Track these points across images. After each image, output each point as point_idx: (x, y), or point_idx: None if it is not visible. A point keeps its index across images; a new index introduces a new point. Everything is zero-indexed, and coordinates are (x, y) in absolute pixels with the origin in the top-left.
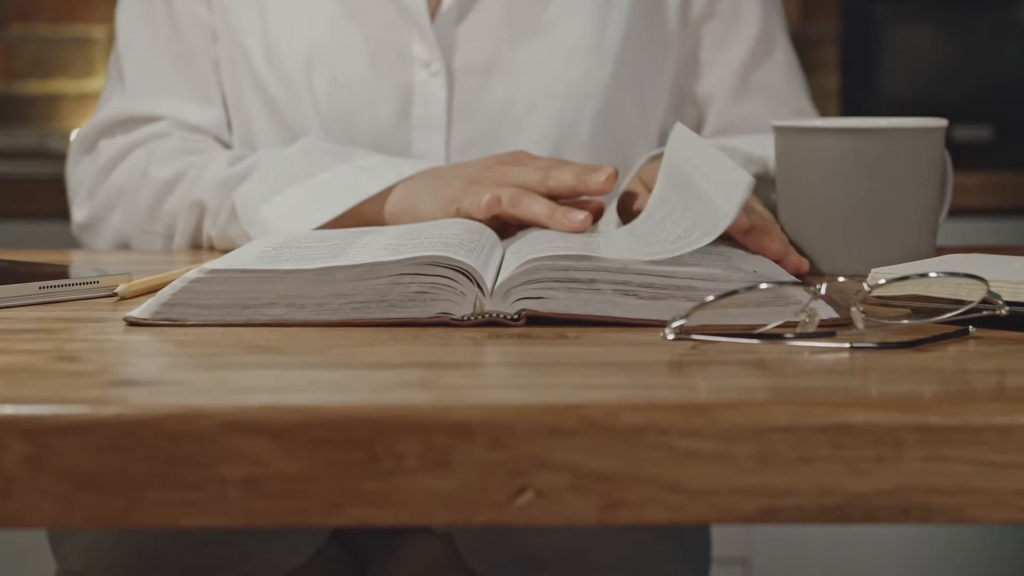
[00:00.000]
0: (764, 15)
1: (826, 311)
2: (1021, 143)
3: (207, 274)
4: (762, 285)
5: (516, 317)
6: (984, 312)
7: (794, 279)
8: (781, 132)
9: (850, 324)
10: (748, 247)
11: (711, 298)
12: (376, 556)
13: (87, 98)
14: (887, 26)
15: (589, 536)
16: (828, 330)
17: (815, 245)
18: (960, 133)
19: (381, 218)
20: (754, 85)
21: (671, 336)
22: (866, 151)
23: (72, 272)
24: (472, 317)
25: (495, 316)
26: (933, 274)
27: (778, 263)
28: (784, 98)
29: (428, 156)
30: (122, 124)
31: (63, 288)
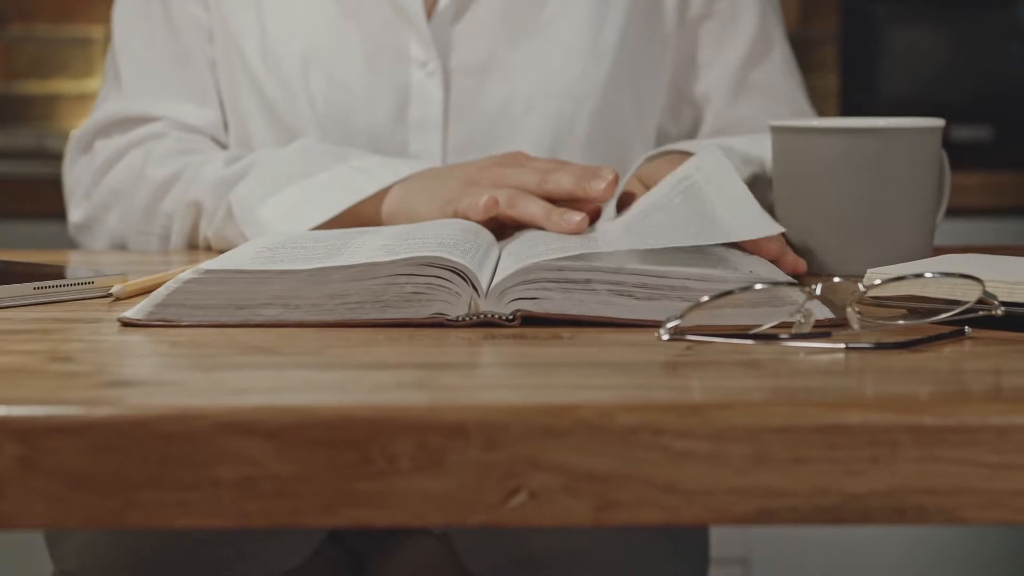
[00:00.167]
0: (761, 15)
1: (821, 311)
2: (1021, 143)
3: (201, 274)
4: (757, 285)
5: (511, 317)
6: (980, 312)
7: (790, 279)
8: (778, 132)
9: (846, 324)
10: (745, 247)
11: (706, 298)
12: (373, 557)
13: (86, 98)
14: (887, 26)
15: (586, 536)
16: (824, 330)
17: (812, 245)
18: (960, 133)
19: (378, 219)
20: (752, 85)
21: (666, 336)
22: (863, 151)
23: (68, 272)
24: (467, 318)
25: (490, 316)
26: (929, 274)
27: (775, 263)
28: (782, 98)
29: (425, 156)
30: (118, 124)
31: (58, 288)
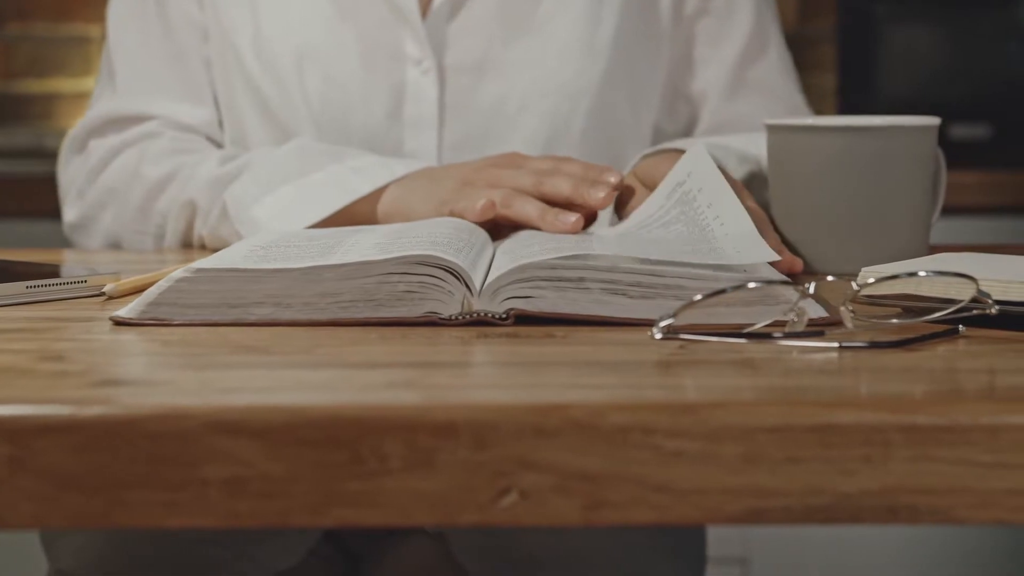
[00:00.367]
0: (757, 12)
1: (815, 310)
2: (1019, 142)
3: (193, 273)
4: (750, 284)
5: (504, 316)
6: (974, 311)
7: (783, 278)
8: (773, 130)
9: (839, 323)
10: None
11: (699, 297)
12: (369, 556)
13: (84, 97)
14: (885, 25)
15: (582, 536)
16: (817, 329)
17: (808, 244)
18: (958, 132)
19: (374, 218)
20: (748, 83)
21: (658, 335)
22: (858, 149)
23: (61, 271)
24: (460, 316)
25: (483, 315)
26: (923, 273)
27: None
28: (778, 95)
29: (420, 154)
30: (113, 124)
31: (51, 288)
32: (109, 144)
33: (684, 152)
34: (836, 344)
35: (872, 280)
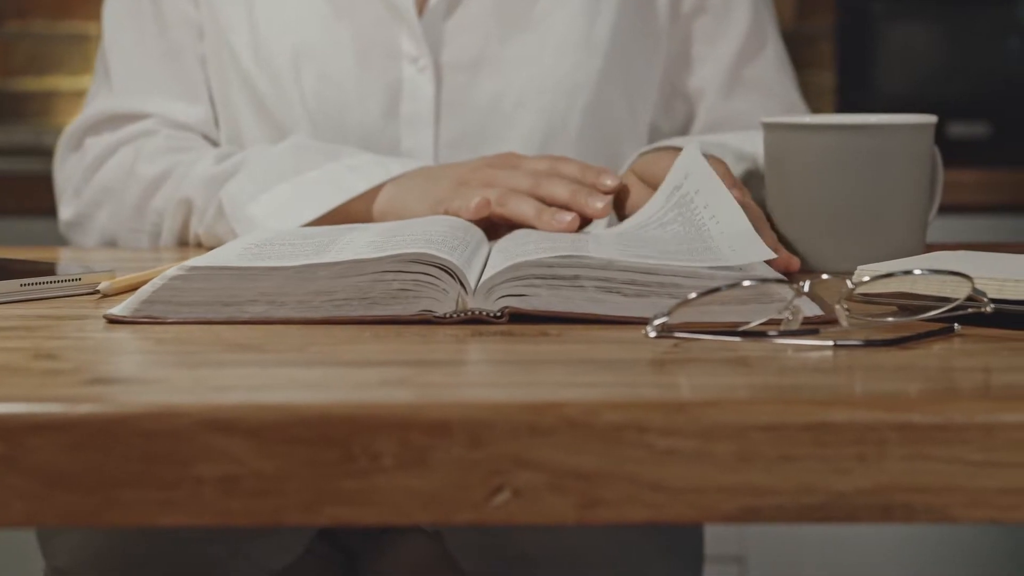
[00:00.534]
0: (754, 10)
1: (810, 308)
2: (1018, 140)
3: (187, 271)
4: (745, 282)
5: (499, 314)
6: (969, 309)
7: (778, 276)
8: (770, 128)
9: (834, 322)
10: None
11: (693, 295)
12: (365, 554)
13: (83, 95)
14: (883, 23)
15: (579, 535)
16: (812, 327)
17: (804, 242)
18: (957, 130)
19: (369, 217)
20: (745, 81)
21: (653, 334)
22: (854, 148)
23: (57, 269)
24: (454, 314)
25: (478, 313)
26: (918, 271)
27: (767, 260)
28: (775, 93)
29: (416, 152)
30: (109, 122)
31: (45, 285)
32: (105, 142)
33: (682, 149)
34: (831, 342)
35: (867, 278)
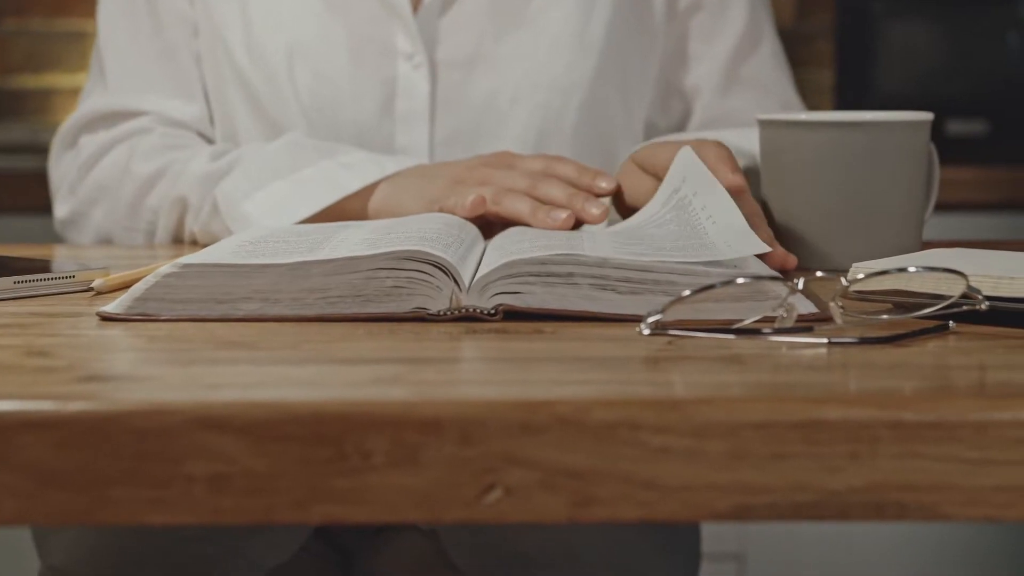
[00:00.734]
0: (751, 8)
1: (805, 306)
2: (1016, 138)
3: (180, 268)
4: (739, 280)
5: (493, 312)
6: (964, 307)
7: (773, 273)
8: (766, 125)
9: (829, 319)
10: None
11: (687, 293)
12: (360, 553)
13: (80, 92)
14: (883, 21)
15: (575, 533)
16: (806, 325)
17: (800, 239)
18: (955, 128)
19: (364, 215)
20: (741, 78)
21: (647, 331)
22: (850, 145)
23: (51, 267)
24: (448, 312)
25: (472, 311)
26: (912, 269)
27: (764, 258)
28: (771, 91)
29: (411, 149)
30: (104, 119)
31: (39, 283)
32: (100, 140)
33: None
34: (825, 340)
35: (862, 276)
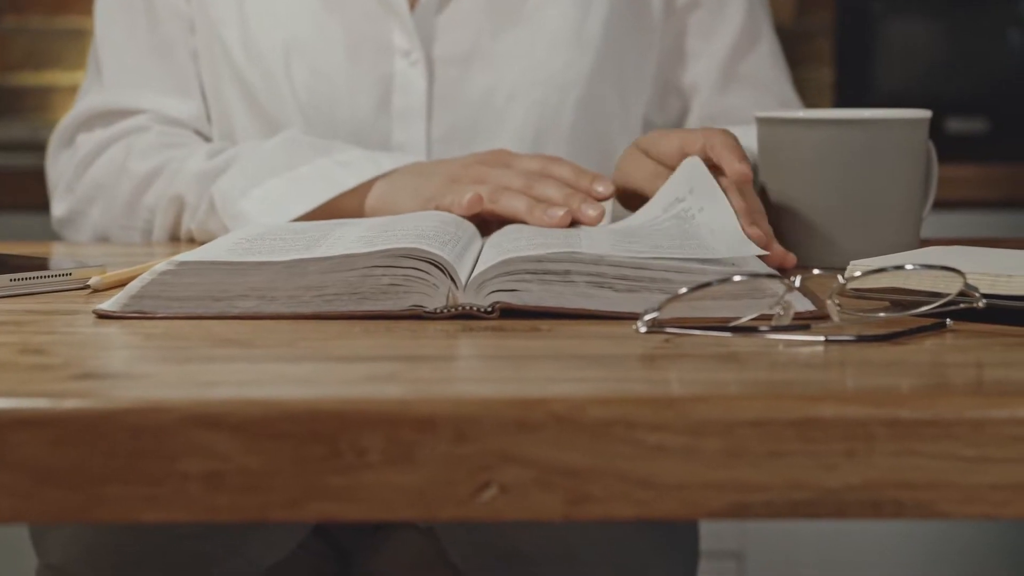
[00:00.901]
0: (749, 5)
1: (802, 304)
2: (1016, 136)
3: (177, 266)
4: (736, 277)
5: (489, 310)
6: (961, 305)
7: (770, 271)
8: (764, 123)
9: (826, 317)
10: None
11: (684, 290)
12: (358, 551)
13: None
14: (882, 19)
15: (573, 531)
16: (803, 323)
17: (797, 236)
18: (955, 126)
19: (361, 213)
20: (739, 76)
21: (643, 329)
22: (847, 142)
23: (48, 264)
24: (445, 310)
25: (468, 309)
26: (910, 266)
27: (762, 256)
28: (769, 88)
29: (408, 146)
30: (101, 118)
31: (35, 280)
32: (97, 139)
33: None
34: (822, 338)
35: (859, 274)
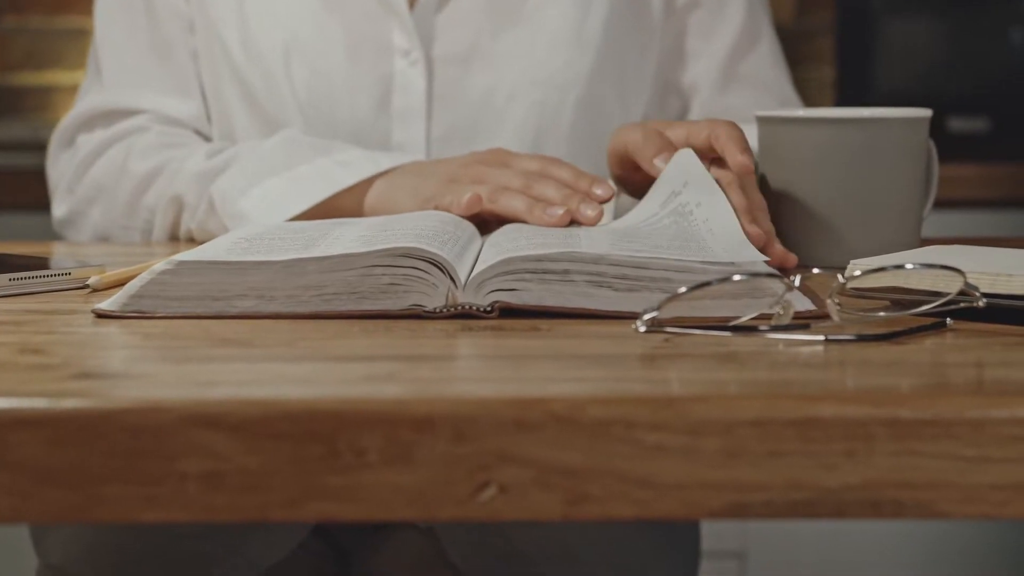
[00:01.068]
0: (749, 5)
1: (802, 303)
2: (1018, 135)
3: (175, 266)
4: (736, 276)
5: (489, 309)
6: (962, 304)
7: (770, 270)
8: (764, 122)
9: (826, 316)
10: None
11: (683, 290)
12: (358, 551)
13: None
14: (883, 18)
15: (574, 531)
16: (803, 322)
17: (798, 236)
18: (956, 125)
19: (360, 213)
20: (739, 76)
21: (643, 329)
22: (848, 141)
23: (48, 264)
24: (444, 309)
25: (468, 308)
26: (910, 266)
27: (762, 252)
28: (769, 88)
29: (408, 146)
30: (101, 118)
31: (35, 280)
32: (97, 139)
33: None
34: (822, 337)
35: (859, 273)
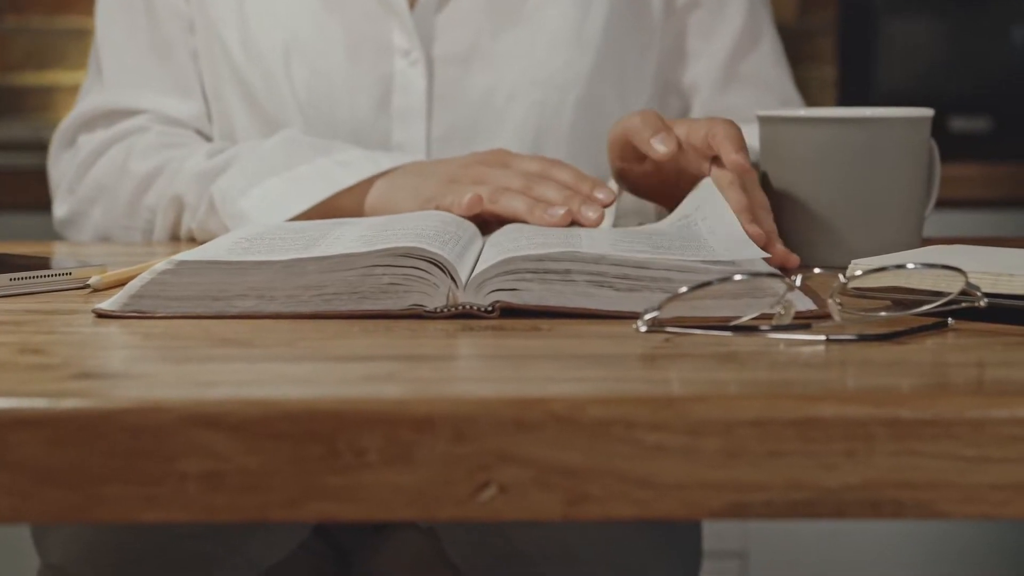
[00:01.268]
0: (749, 4)
1: (803, 303)
2: (1019, 134)
3: (176, 265)
4: (737, 276)
5: (490, 309)
6: (963, 304)
7: (771, 269)
8: (765, 122)
9: (827, 316)
10: None
11: (684, 290)
12: (359, 551)
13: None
14: (885, 17)
15: (574, 531)
16: (804, 322)
17: (799, 235)
18: (958, 124)
19: (360, 213)
20: (740, 75)
21: (643, 328)
22: (849, 141)
23: (48, 263)
24: (445, 309)
25: (468, 308)
26: (911, 265)
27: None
28: (770, 87)
29: (408, 146)
30: (101, 118)
31: (35, 280)
32: (98, 139)
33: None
34: (823, 337)
35: (860, 272)
